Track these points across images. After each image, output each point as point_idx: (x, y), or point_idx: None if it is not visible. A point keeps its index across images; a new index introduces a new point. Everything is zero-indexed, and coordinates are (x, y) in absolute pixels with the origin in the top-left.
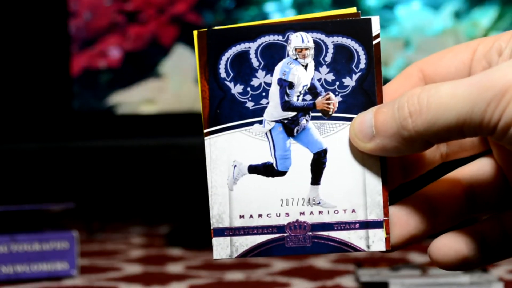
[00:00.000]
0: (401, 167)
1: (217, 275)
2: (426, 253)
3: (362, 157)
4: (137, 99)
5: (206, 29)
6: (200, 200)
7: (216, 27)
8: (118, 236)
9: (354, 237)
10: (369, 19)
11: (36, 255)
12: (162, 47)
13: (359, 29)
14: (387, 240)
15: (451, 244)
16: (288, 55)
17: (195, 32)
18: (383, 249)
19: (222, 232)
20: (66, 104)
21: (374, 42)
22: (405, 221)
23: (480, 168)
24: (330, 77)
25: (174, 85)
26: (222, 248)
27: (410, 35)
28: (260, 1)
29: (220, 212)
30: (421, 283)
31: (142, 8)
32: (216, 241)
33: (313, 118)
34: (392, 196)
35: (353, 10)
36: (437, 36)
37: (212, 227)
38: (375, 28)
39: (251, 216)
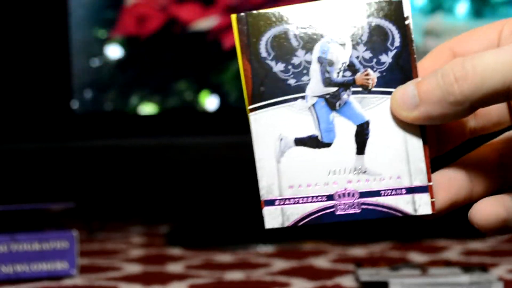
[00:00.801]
0: (436, 141)
1: (217, 275)
2: (425, 253)
3: (403, 127)
4: (137, 98)
5: (244, 13)
6: (200, 200)
7: (253, 11)
8: (118, 236)
9: (401, 202)
10: (400, 1)
11: (36, 254)
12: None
13: (391, 10)
14: (433, 204)
15: (491, 207)
16: (326, 35)
17: (233, 16)
18: (430, 212)
19: (272, 202)
20: (66, 104)
21: (406, 22)
22: (446, 187)
23: (510, 140)
24: (368, 54)
25: (175, 84)
26: (273, 218)
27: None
28: None
29: (269, 183)
30: (421, 283)
31: (142, 6)
32: (267, 211)
33: (354, 93)
34: None
35: None
36: (439, 35)
37: (262, 199)
38: (406, 10)
39: (300, 186)
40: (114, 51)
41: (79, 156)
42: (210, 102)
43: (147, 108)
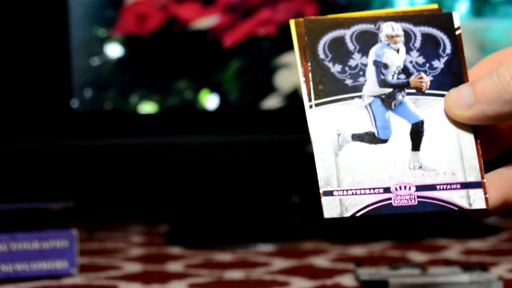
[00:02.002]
0: (484, 146)
1: (216, 274)
2: (425, 252)
3: (457, 127)
4: (136, 97)
5: (302, 19)
6: (200, 199)
7: (311, 17)
8: (118, 235)
9: (456, 196)
10: (451, 13)
11: (35, 253)
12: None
13: (443, 21)
14: (486, 199)
15: None
16: (380, 41)
17: (292, 21)
18: (484, 207)
19: (331, 193)
20: (66, 103)
21: (457, 33)
22: (498, 186)
23: None
24: (421, 60)
25: (175, 82)
26: (332, 208)
27: None
28: None
29: (328, 175)
30: (421, 282)
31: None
32: (326, 201)
33: (408, 94)
34: None
35: (435, 6)
36: None
37: (321, 190)
38: (456, 21)
39: (357, 179)
40: (114, 50)
41: (79, 155)
42: (210, 101)
43: (147, 107)
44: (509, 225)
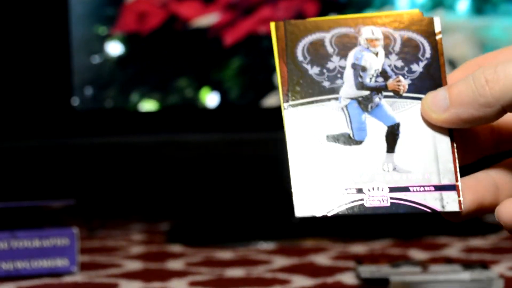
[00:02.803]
0: (460, 150)
1: (217, 272)
2: (426, 250)
3: (433, 130)
4: (137, 95)
5: (282, 21)
6: (201, 197)
7: (291, 20)
8: (118, 233)
9: (429, 198)
10: (432, 18)
11: (36, 251)
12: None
13: (423, 26)
14: (460, 202)
15: None
16: (360, 44)
17: (272, 23)
18: (457, 209)
19: (303, 193)
20: (66, 101)
21: (437, 37)
22: (473, 189)
23: None
24: (399, 63)
25: (175, 81)
26: (304, 207)
27: None
28: None
29: (301, 175)
30: (421, 280)
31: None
32: (297, 200)
33: (385, 97)
34: None
35: (416, 11)
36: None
37: (293, 189)
38: (437, 26)
39: (331, 179)
40: (114, 48)
41: (79, 153)
42: (210, 99)
43: (148, 105)
44: None
